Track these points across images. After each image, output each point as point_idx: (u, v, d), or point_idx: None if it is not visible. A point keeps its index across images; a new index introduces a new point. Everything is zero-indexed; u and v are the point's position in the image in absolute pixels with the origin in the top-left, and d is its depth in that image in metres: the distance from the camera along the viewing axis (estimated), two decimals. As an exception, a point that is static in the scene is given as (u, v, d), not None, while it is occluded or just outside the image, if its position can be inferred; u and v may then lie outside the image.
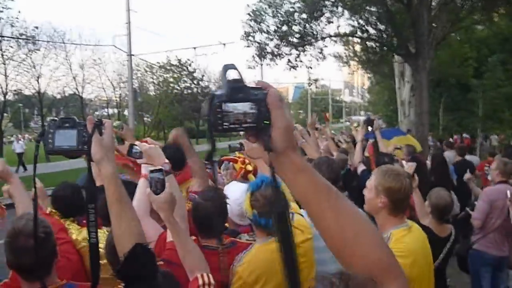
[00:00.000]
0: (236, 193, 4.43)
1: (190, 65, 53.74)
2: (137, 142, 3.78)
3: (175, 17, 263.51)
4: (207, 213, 3.65)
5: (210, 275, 2.99)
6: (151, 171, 3.20)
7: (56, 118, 2.32)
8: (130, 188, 3.52)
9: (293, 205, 3.91)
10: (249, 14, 27.39)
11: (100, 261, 2.64)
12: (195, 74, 54.55)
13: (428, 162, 10.55)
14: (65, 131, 2.26)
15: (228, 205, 4.05)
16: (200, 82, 54.25)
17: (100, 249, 3.43)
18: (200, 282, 2.91)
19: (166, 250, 3.32)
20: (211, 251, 3.60)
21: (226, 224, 4.40)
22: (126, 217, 2.30)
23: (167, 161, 3.55)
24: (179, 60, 52.76)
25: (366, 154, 8.90)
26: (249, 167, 6.59)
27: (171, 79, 53.15)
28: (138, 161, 3.74)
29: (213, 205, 3.73)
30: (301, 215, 3.89)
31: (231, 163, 6.58)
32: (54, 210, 4.91)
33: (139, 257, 2.24)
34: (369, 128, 9.18)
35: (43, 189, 5.47)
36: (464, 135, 38.04)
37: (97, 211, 2.32)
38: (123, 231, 2.29)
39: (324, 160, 5.29)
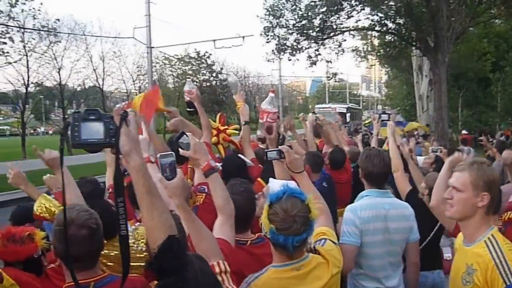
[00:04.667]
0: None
1: (208, 57, 53.96)
2: (189, 134, 3.78)
3: (194, 9, 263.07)
4: (237, 207, 3.53)
5: (226, 263, 2.93)
6: (162, 156, 3.08)
7: (79, 111, 2.34)
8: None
9: (326, 229, 3.48)
10: (267, 9, 27.61)
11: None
12: (213, 67, 54.71)
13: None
14: (91, 123, 2.18)
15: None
16: (219, 75, 54.30)
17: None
18: (217, 270, 2.87)
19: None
20: (239, 245, 3.59)
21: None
22: (157, 209, 2.25)
23: (211, 158, 3.52)
24: (198, 53, 52.95)
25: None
26: (215, 139, 6.92)
27: (190, 72, 53.33)
28: (181, 152, 3.67)
29: (242, 199, 3.71)
30: (334, 242, 3.40)
31: None
32: None
33: (172, 250, 2.20)
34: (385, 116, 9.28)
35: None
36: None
37: (125, 204, 2.28)
38: (155, 223, 2.24)
39: (375, 152, 4.90)
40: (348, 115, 45.35)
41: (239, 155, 6.19)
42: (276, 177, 4.37)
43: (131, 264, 3.65)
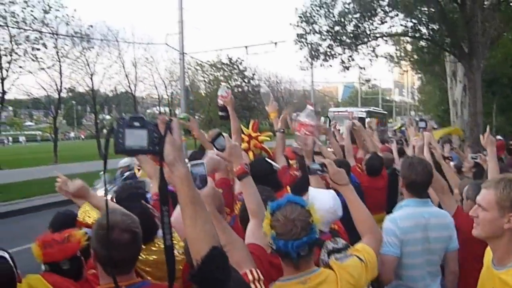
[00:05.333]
0: (329, 202, 4.14)
1: (240, 63, 54.24)
2: (225, 135, 3.78)
3: (227, 15, 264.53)
4: None
5: (258, 271, 2.93)
6: (193, 165, 3.00)
7: (124, 117, 2.23)
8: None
9: (362, 246, 3.39)
10: (300, 16, 27.61)
11: None
12: (245, 73, 54.92)
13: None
14: (135, 130, 2.18)
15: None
16: (251, 81, 54.48)
17: None
18: (250, 277, 2.87)
19: None
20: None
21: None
22: (200, 220, 2.22)
23: (246, 162, 3.58)
24: (230, 59, 53.27)
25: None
26: (246, 145, 6.92)
27: (222, 78, 53.59)
28: (216, 153, 3.75)
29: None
30: (360, 259, 3.25)
31: None
32: None
33: (215, 261, 2.16)
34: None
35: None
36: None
37: (170, 213, 2.29)
38: (198, 233, 2.22)
39: (418, 160, 4.82)
40: (368, 120, 42.61)
41: (267, 159, 6.20)
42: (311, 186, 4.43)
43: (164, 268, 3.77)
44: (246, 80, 53.54)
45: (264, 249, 3.32)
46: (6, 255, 2.77)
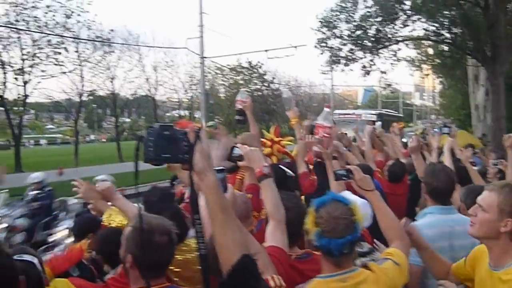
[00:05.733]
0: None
1: (260, 67, 54.43)
2: (238, 145, 3.85)
3: (247, 20, 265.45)
4: (288, 221, 3.49)
5: (280, 278, 2.88)
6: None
7: (153, 126, 2.24)
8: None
9: (394, 250, 3.35)
10: (320, 21, 27.80)
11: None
12: (265, 77, 55.12)
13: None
14: (165, 139, 2.18)
15: None
16: (271, 85, 54.67)
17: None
18: (272, 284, 2.82)
19: None
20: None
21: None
22: (230, 228, 2.21)
23: (267, 164, 3.57)
24: (250, 63, 53.50)
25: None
26: (269, 150, 6.88)
27: (242, 81, 53.95)
28: (239, 163, 3.80)
29: (292, 214, 3.63)
30: (397, 263, 3.21)
31: None
32: None
33: (247, 269, 2.15)
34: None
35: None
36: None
37: (202, 222, 2.26)
38: (228, 242, 2.20)
39: (441, 167, 4.76)
40: (379, 123, 41.44)
41: (280, 166, 6.24)
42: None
43: (198, 267, 3.73)
44: (265, 84, 53.70)
45: (284, 251, 3.32)
46: (35, 260, 2.78)
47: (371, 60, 28.27)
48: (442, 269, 3.80)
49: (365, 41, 26.85)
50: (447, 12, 24.71)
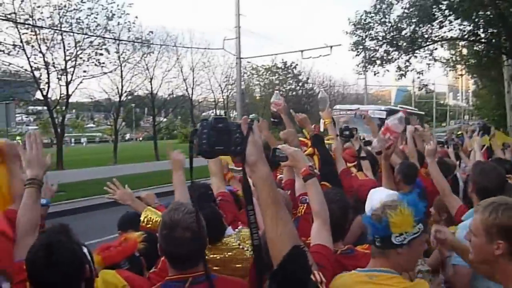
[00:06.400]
0: (382, 199, 4.11)
1: (295, 67, 54.88)
2: (280, 146, 3.79)
3: (282, 21, 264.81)
4: (332, 215, 3.54)
5: (321, 274, 2.67)
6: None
7: (207, 118, 2.25)
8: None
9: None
10: (354, 24, 28.04)
11: None
12: (300, 77, 55.45)
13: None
14: (218, 131, 2.18)
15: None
16: (305, 85, 54.87)
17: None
18: (313, 279, 2.59)
19: (312, 253, 3.07)
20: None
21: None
22: (281, 220, 2.22)
23: (310, 164, 3.61)
24: (285, 63, 54.03)
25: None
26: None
27: (277, 82, 54.48)
28: (282, 164, 3.78)
29: (338, 208, 3.76)
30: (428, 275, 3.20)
31: None
32: None
33: (297, 260, 2.12)
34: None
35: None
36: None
37: (255, 212, 2.25)
38: (279, 233, 2.21)
39: (490, 167, 4.65)
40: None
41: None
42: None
43: (236, 266, 4.02)
44: (300, 84, 53.90)
45: (330, 250, 3.33)
46: (86, 251, 2.80)
47: (407, 61, 28.45)
48: (488, 269, 3.32)
49: (400, 42, 27.00)
50: (482, 12, 24.77)
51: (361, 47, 28.47)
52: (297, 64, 55.16)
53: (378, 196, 4.15)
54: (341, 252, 3.69)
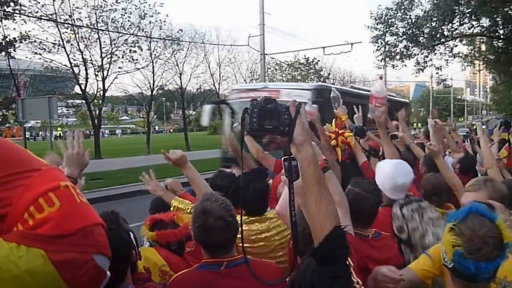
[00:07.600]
0: (387, 169, 4.61)
1: (317, 63, 56.52)
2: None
3: (304, 17, 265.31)
4: (369, 203, 3.78)
5: (349, 259, 2.55)
6: (284, 159, 2.61)
7: (257, 99, 2.30)
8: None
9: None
10: (375, 18, 28.85)
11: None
12: (321, 72, 57.02)
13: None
14: (267, 111, 2.25)
15: (380, 181, 4.45)
16: (326, 80, 55.73)
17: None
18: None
19: None
20: (362, 238, 3.77)
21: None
22: (325, 199, 2.24)
23: (324, 157, 3.62)
24: (307, 59, 55.65)
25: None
26: (334, 142, 6.78)
27: (299, 77, 55.82)
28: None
29: (373, 197, 3.88)
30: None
31: None
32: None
33: (337, 240, 2.20)
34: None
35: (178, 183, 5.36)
36: None
37: (293, 190, 2.31)
38: (321, 213, 2.23)
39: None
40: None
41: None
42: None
43: (276, 238, 4.33)
44: (321, 80, 54.96)
45: (353, 236, 3.44)
46: (131, 234, 2.83)
47: (426, 56, 29.09)
48: None
49: (420, 38, 27.56)
50: (501, 9, 25.05)
51: (381, 41, 29.17)
52: (318, 60, 56.68)
53: (387, 167, 4.66)
54: (371, 236, 3.87)
